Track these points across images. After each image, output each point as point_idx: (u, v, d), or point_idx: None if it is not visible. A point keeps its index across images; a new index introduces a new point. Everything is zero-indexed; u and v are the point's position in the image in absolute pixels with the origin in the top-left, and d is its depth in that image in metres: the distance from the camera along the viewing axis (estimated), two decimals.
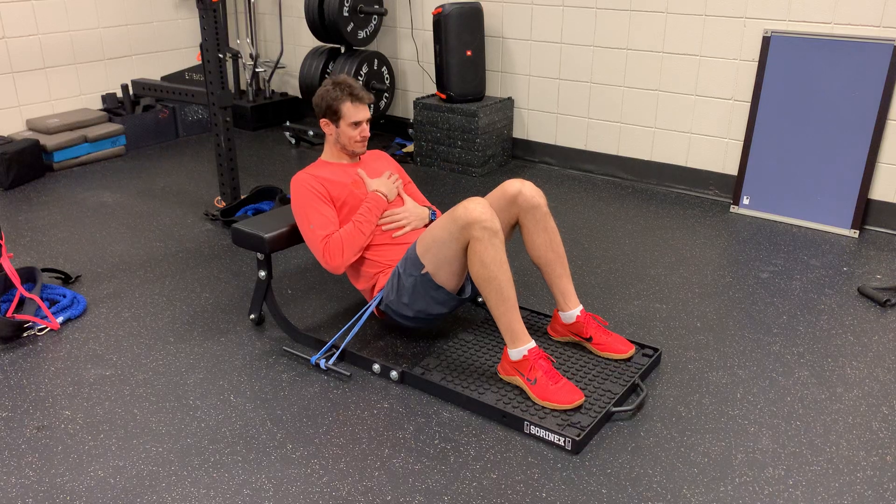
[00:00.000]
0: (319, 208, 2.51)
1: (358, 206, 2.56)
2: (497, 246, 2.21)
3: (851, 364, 2.51)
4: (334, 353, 2.48)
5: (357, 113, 2.57)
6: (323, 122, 2.61)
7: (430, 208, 2.72)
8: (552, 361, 2.29)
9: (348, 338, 2.50)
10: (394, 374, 2.39)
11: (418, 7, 4.69)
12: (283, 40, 5.29)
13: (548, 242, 2.46)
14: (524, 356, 2.25)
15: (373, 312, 2.58)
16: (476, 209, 2.21)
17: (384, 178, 2.65)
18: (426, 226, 2.65)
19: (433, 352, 2.56)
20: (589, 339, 2.49)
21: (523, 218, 2.46)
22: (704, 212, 3.81)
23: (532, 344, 2.26)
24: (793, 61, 3.56)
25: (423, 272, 2.34)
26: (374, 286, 2.57)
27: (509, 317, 2.24)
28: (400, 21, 4.83)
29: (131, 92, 4.78)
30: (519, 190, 2.44)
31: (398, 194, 2.66)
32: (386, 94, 4.84)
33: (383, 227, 2.56)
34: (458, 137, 4.31)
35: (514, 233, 2.57)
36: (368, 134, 2.62)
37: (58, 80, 4.63)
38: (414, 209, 2.65)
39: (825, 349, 2.59)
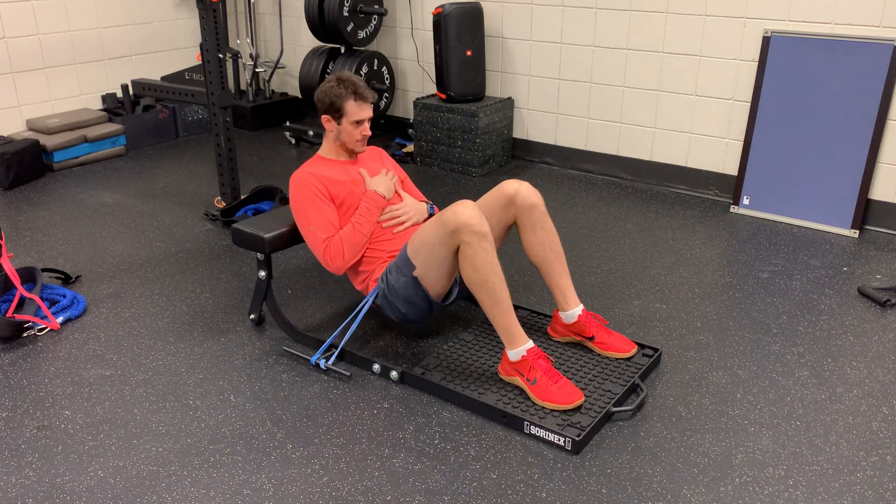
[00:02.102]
0: (320, 209, 2.50)
1: (357, 204, 2.55)
2: (487, 249, 2.20)
3: (851, 364, 2.51)
4: (334, 353, 2.48)
5: (360, 111, 2.54)
6: (325, 118, 2.57)
7: (427, 203, 2.73)
8: (551, 361, 2.29)
9: (347, 335, 2.50)
10: (394, 374, 2.39)
11: (418, 7, 4.69)
12: (283, 40, 5.29)
13: (545, 242, 2.46)
14: (523, 356, 2.25)
15: (372, 307, 2.58)
16: (465, 213, 2.21)
17: (381, 175, 2.64)
18: (426, 220, 2.67)
19: (433, 352, 2.56)
20: (591, 339, 2.49)
21: (521, 218, 2.46)
22: (704, 212, 3.81)
23: (530, 344, 2.26)
24: (793, 61, 3.56)
25: (413, 273, 2.35)
26: (369, 280, 2.57)
27: (504, 318, 2.24)
28: (400, 21, 4.83)
29: (131, 92, 4.78)
30: (516, 190, 2.44)
31: (396, 192, 2.66)
32: (386, 94, 4.84)
33: (384, 225, 2.57)
34: (458, 137, 4.31)
35: (511, 234, 2.57)
36: (370, 133, 2.59)
37: (58, 80, 4.63)
38: (413, 205, 2.65)
39: (825, 349, 2.59)
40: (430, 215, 2.69)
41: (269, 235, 2.52)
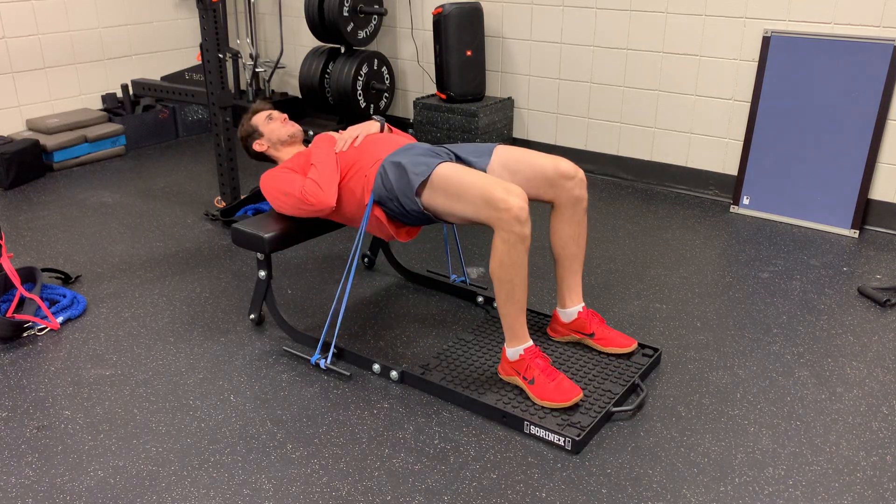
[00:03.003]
0: (288, 177, 2.53)
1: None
2: (521, 252, 2.14)
3: (851, 364, 2.51)
4: (333, 342, 2.47)
5: (263, 113, 2.83)
6: (256, 145, 2.81)
7: (377, 120, 2.69)
8: (548, 360, 2.29)
9: (348, 287, 2.45)
10: (394, 374, 2.39)
11: (418, 7, 4.69)
12: (283, 40, 5.29)
13: (576, 237, 2.43)
14: (520, 356, 2.25)
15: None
16: (516, 206, 2.10)
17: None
18: (381, 131, 2.64)
19: (433, 352, 2.56)
20: (591, 335, 2.49)
21: (563, 205, 2.38)
22: (704, 212, 3.81)
23: (529, 343, 2.26)
24: (793, 61, 3.56)
25: (423, 210, 2.29)
26: (364, 197, 2.45)
27: (514, 317, 2.23)
28: (400, 21, 4.83)
29: (131, 92, 4.78)
30: (573, 176, 2.35)
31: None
32: (386, 94, 4.84)
33: (344, 149, 2.53)
34: (458, 137, 4.31)
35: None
36: (285, 114, 2.84)
37: (58, 80, 4.63)
38: (358, 125, 2.64)
39: (825, 349, 2.59)
40: (382, 125, 2.67)
41: (269, 235, 2.52)
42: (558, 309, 2.54)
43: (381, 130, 2.65)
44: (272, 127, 2.79)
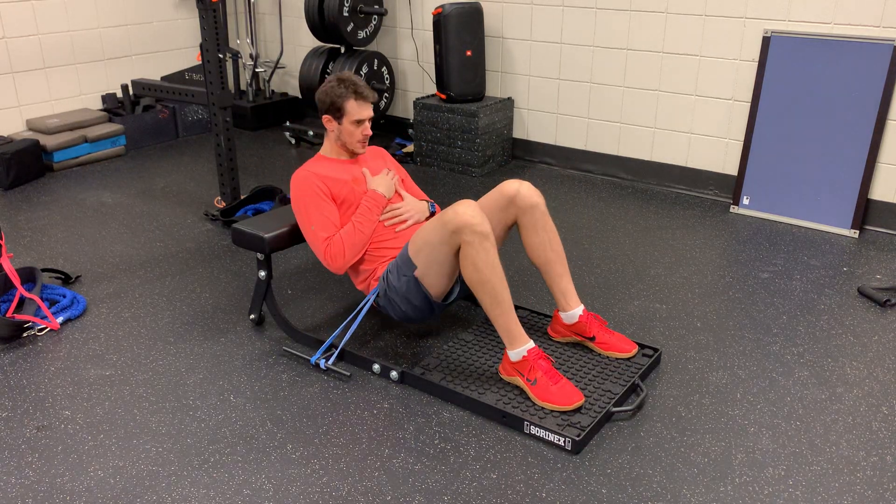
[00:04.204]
0: (321, 208, 2.50)
1: (358, 203, 2.55)
2: (488, 249, 2.20)
3: (851, 364, 2.51)
4: (334, 353, 2.48)
5: (361, 111, 2.53)
6: (326, 118, 2.57)
7: (428, 202, 2.72)
8: (552, 361, 2.29)
9: (347, 335, 2.50)
10: (394, 374, 2.39)
11: (418, 7, 4.69)
12: (283, 40, 5.29)
13: (546, 242, 2.45)
14: (524, 357, 2.25)
15: (372, 306, 2.58)
16: (466, 213, 2.20)
17: (382, 175, 2.63)
18: (427, 219, 2.67)
19: (433, 352, 2.56)
20: (592, 339, 2.49)
21: (521, 218, 2.45)
22: (704, 212, 3.81)
23: (531, 344, 2.26)
24: (793, 61, 3.56)
25: (414, 273, 2.35)
26: (370, 279, 2.56)
27: (505, 319, 2.24)
28: (400, 21, 4.83)
29: (131, 92, 4.78)
30: (517, 190, 2.43)
31: (396, 191, 2.66)
32: (386, 94, 4.84)
33: (385, 223, 2.57)
34: (458, 137, 4.31)
35: (512, 233, 2.56)
36: (370, 133, 2.59)
37: (58, 80, 4.63)
38: (414, 204, 2.65)
39: (825, 349, 2.59)
40: (432, 213, 2.69)
41: (270, 235, 2.52)
42: (559, 311, 2.54)
43: (430, 215, 2.70)
44: (351, 130, 2.55)
